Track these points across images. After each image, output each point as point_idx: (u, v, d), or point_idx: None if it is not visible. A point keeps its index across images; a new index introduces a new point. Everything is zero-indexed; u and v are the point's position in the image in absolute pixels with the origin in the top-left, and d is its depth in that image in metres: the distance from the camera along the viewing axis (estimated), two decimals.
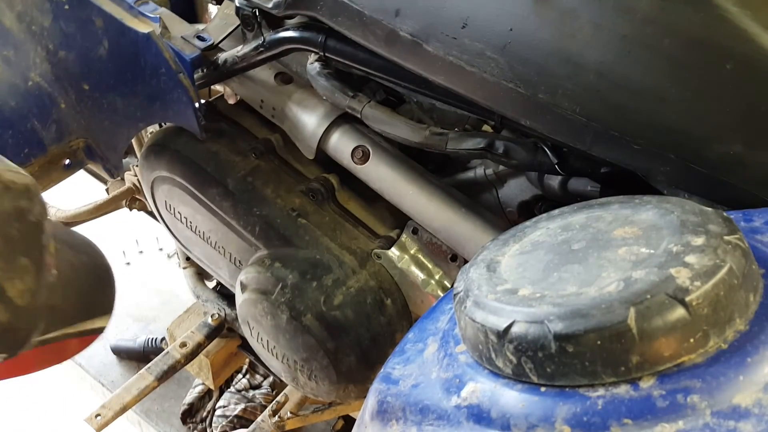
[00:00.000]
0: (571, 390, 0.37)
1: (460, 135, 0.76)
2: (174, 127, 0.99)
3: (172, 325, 1.46)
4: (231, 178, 0.94)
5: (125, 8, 0.85)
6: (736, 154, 0.53)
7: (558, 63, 0.58)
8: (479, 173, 0.88)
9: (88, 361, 1.91)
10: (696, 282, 0.35)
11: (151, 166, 1.01)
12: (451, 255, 0.86)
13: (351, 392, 0.94)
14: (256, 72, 0.95)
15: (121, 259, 2.44)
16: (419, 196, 0.84)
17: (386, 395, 0.47)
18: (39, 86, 0.97)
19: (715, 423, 0.33)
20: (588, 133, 0.59)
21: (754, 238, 0.44)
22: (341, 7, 0.71)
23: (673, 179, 0.57)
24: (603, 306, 0.36)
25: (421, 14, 0.65)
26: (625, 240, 0.42)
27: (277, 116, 0.96)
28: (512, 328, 0.38)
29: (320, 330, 0.86)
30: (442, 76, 0.66)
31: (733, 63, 0.51)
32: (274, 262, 0.89)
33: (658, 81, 0.54)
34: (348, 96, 0.83)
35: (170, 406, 1.75)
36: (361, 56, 0.78)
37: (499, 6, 0.60)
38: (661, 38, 0.53)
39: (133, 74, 0.88)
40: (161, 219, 1.11)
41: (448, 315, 0.53)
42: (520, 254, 0.47)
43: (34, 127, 0.98)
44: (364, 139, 0.88)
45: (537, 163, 0.71)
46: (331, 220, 0.92)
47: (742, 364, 0.35)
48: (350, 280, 0.87)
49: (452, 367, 0.44)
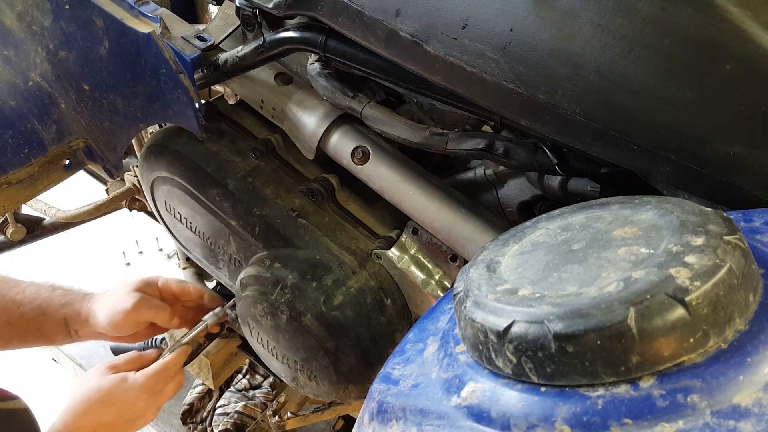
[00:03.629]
0: (571, 390, 0.37)
1: (460, 135, 0.76)
2: (174, 128, 0.99)
3: None
4: (231, 178, 0.94)
5: (126, 8, 0.85)
6: (736, 154, 0.53)
7: (558, 63, 0.58)
8: (479, 173, 0.88)
9: (88, 362, 1.91)
10: (696, 282, 0.35)
11: (151, 167, 1.01)
12: (451, 255, 0.86)
13: (351, 392, 0.94)
14: (257, 72, 0.95)
15: (121, 259, 2.44)
16: (419, 196, 0.84)
17: (386, 395, 0.47)
18: (39, 86, 0.97)
19: (715, 422, 0.33)
20: (588, 134, 0.59)
21: (754, 238, 0.44)
22: (341, 8, 0.71)
23: (673, 179, 0.57)
24: (603, 306, 0.36)
25: (422, 14, 0.65)
26: (625, 240, 0.42)
27: (277, 116, 0.96)
28: (512, 328, 0.38)
29: (320, 330, 0.86)
30: (442, 76, 0.66)
31: (733, 63, 0.51)
32: (274, 262, 0.89)
33: (658, 81, 0.54)
34: (348, 96, 0.83)
35: (170, 406, 1.75)
36: (361, 56, 0.78)
37: (499, 6, 0.60)
38: (661, 38, 0.53)
39: (134, 74, 0.88)
40: (161, 219, 1.11)
41: (448, 315, 0.53)
42: (520, 254, 0.47)
43: (34, 127, 0.98)
44: (364, 140, 0.88)
45: (537, 164, 0.71)
46: (331, 220, 0.92)
47: (742, 364, 0.35)
48: (350, 280, 0.87)
49: (452, 367, 0.44)
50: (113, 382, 0.89)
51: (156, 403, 0.91)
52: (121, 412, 0.88)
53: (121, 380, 0.89)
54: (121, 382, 0.89)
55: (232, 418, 1.60)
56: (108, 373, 0.90)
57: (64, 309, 0.98)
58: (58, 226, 1.70)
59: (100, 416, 0.87)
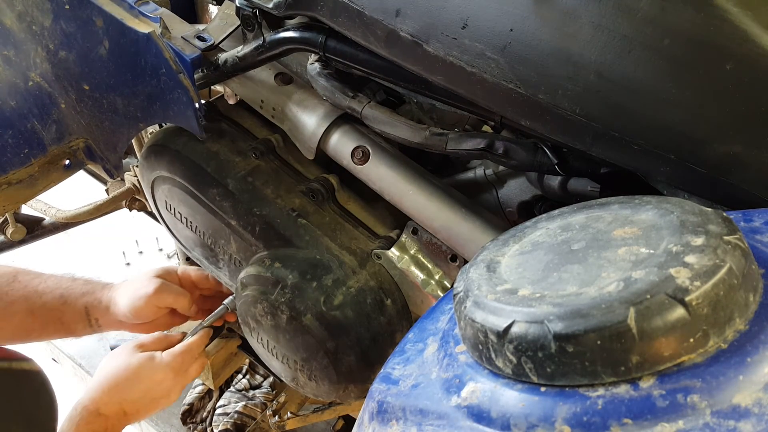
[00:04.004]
0: (571, 390, 0.37)
1: (460, 135, 0.76)
2: (174, 128, 0.99)
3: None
4: (231, 178, 0.94)
5: (126, 8, 0.85)
6: (736, 154, 0.53)
7: (558, 63, 0.58)
8: (479, 173, 0.88)
9: (88, 362, 1.90)
10: (696, 282, 0.35)
11: (152, 167, 1.01)
12: (451, 255, 0.86)
13: (351, 392, 0.94)
14: (257, 72, 0.95)
15: (121, 259, 2.44)
16: (419, 196, 0.84)
17: (386, 395, 0.47)
18: (39, 86, 0.97)
19: (715, 423, 0.33)
20: (588, 134, 0.59)
21: (754, 238, 0.44)
22: (341, 8, 0.71)
23: (673, 179, 0.57)
24: (603, 306, 0.36)
25: (422, 14, 0.65)
26: (625, 240, 0.42)
27: (277, 116, 0.96)
28: (512, 328, 0.38)
29: (320, 330, 0.86)
30: (442, 76, 0.66)
31: (733, 63, 0.51)
32: (274, 262, 0.89)
33: (658, 81, 0.54)
34: (348, 96, 0.83)
35: (170, 406, 1.75)
36: (361, 56, 0.78)
37: (499, 6, 0.60)
38: (661, 38, 0.53)
39: (134, 74, 0.88)
40: (161, 219, 1.11)
41: (448, 315, 0.53)
42: (520, 254, 0.47)
43: (34, 127, 0.98)
44: (364, 140, 0.88)
45: (537, 164, 0.71)
46: (331, 220, 0.92)
47: (742, 364, 0.35)
48: (350, 280, 0.87)
49: (452, 367, 0.44)
50: (141, 360, 0.92)
51: (181, 382, 0.94)
52: (147, 390, 0.91)
53: (148, 358, 0.92)
54: (148, 360, 0.92)
55: (232, 418, 1.60)
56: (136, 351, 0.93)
57: (85, 297, 1.01)
58: (58, 226, 1.70)
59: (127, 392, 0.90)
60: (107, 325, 1.02)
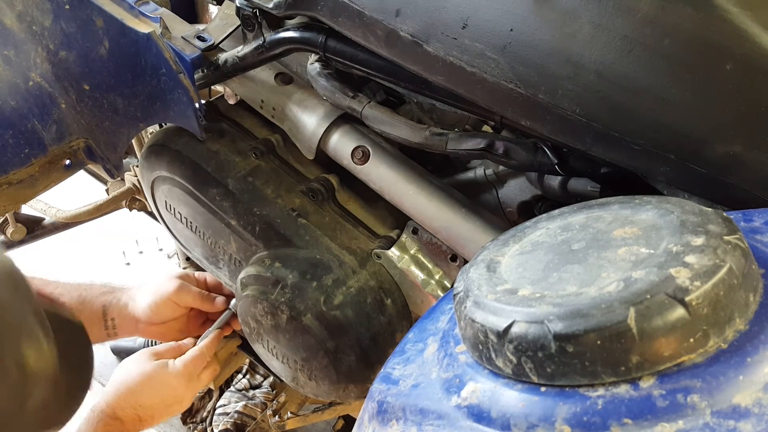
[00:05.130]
0: (571, 390, 0.37)
1: (460, 135, 0.76)
2: (174, 127, 0.99)
3: None
4: (231, 178, 0.94)
5: (126, 8, 0.85)
6: (736, 154, 0.53)
7: (558, 63, 0.58)
8: (479, 173, 0.88)
9: None
10: (696, 282, 0.35)
11: (152, 166, 1.01)
12: (451, 255, 0.86)
13: (351, 392, 0.94)
14: (257, 72, 0.95)
15: (121, 259, 2.44)
16: (419, 196, 0.84)
17: (386, 395, 0.47)
18: (39, 86, 0.97)
19: (715, 423, 0.33)
20: (588, 133, 0.59)
21: (754, 238, 0.44)
22: (341, 8, 0.71)
23: (673, 179, 0.57)
24: (603, 306, 0.36)
25: (422, 14, 0.65)
26: (625, 240, 0.42)
27: (277, 116, 0.96)
28: (512, 328, 0.38)
29: (320, 330, 0.86)
30: (443, 76, 0.66)
31: (733, 63, 0.51)
32: (274, 262, 0.89)
33: (658, 81, 0.54)
34: (348, 96, 0.83)
35: None
36: (361, 56, 0.78)
37: (499, 6, 0.60)
38: (661, 38, 0.53)
39: (134, 74, 0.88)
40: (161, 219, 1.11)
41: (448, 315, 0.53)
42: (520, 254, 0.47)
43: (34, 127, 0.98)
44: (364, 140, 0.88)
45: (537, 164, 0.71)
46: (331, 220, 0.92)
47: (742, 364, 0.35)
48: (350, 280, 0.87)
49: (452, 367, 0.44)
50: (155, 367, 0.95)
51: (193, 389, 0.98)
52: (161, 396, 0.94)
53: (162, 366, 0.95)
54: (162, 368, 0.95)
55: (232, 418, 1.60)
56: (151, 359, 0.97)
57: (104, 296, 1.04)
58: (58, 226, 1.71)
59: (142, 398, 0.93)
60: (122, 327, 1.04)
